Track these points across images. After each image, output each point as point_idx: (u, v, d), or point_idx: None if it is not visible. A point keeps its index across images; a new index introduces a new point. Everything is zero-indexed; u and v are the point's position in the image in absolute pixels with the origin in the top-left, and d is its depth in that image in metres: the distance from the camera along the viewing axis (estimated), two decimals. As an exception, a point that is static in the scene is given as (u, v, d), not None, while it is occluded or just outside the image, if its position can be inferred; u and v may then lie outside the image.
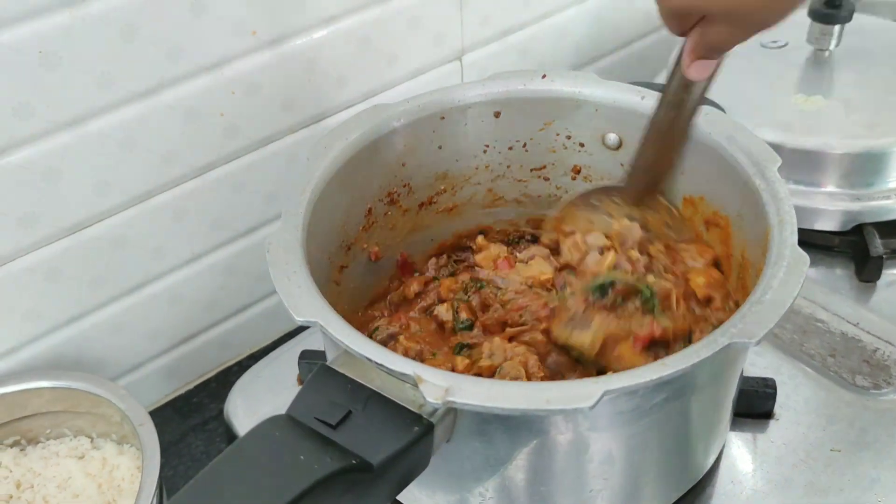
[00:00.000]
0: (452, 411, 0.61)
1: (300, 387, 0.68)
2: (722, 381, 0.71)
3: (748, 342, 0.60)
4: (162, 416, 0.95)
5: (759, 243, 0.73)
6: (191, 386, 0.99)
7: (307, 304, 0.66)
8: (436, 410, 0.60)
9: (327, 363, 0.65)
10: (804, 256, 0.67)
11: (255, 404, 0.94)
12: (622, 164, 0.90)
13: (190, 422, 0.96)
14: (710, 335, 0.62)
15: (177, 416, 0.96)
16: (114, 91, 0.77)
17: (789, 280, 0.65)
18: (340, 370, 0.63)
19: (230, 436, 0.93)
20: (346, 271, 0.82)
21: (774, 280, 0.65)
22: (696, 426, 0.72)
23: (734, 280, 0.81)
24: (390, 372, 0.61)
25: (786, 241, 0.68)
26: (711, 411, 0.73)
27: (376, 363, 0.61)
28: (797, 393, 0.86)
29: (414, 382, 0.59)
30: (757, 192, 0.75)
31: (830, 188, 1.03)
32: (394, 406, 0.61)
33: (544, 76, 0.86)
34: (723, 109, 0.82)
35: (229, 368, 1.01)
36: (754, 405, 0.85)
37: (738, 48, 0.63)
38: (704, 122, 0.80)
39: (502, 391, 0.59)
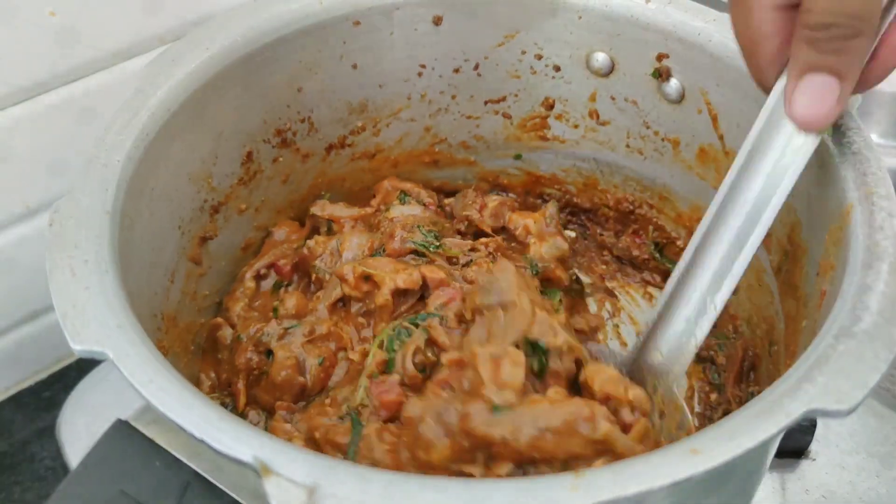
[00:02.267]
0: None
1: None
2: (766, 450, 0.46)
3: (838, 410, 0.36)
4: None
5: (823, 224, 0.51)
6: (41, 376, 0.84)
7: (95, 321, 0.42)
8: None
9: (128, 418, 0.41)
10: (916, 254, 0.42)
11: (98, 418, 0.71)
12: (613, 97, 0.68)
13: (36, 425, 0.81)
14: (772, 392, 0.37)
15: (20, 416, 0.81)
16: None
17: (896, 294, 0.40)
18: (147, 432, 0.41)
19: (63, 463, 0.72)
20: (211, 245, 0.64)
21: (869, 295, 0.40)
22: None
23: (772, 273, 0.59)
24: (217, 452, 0.35)
25: (882, 228, 0.44)
26: (743, 492, 0.49)
27: (194, 436, 0.36)
28: (839, 421, 0.68)
29: (256, 473, 0.34)
30: (822, 145, 0.51)
31: (876, 138, 0.83)
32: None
33: None
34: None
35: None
36: (784, 441, 0.62)
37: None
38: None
39: (407, 502, 0.33)
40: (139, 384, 0.39)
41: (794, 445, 0.66)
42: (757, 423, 0.36)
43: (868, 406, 0.69)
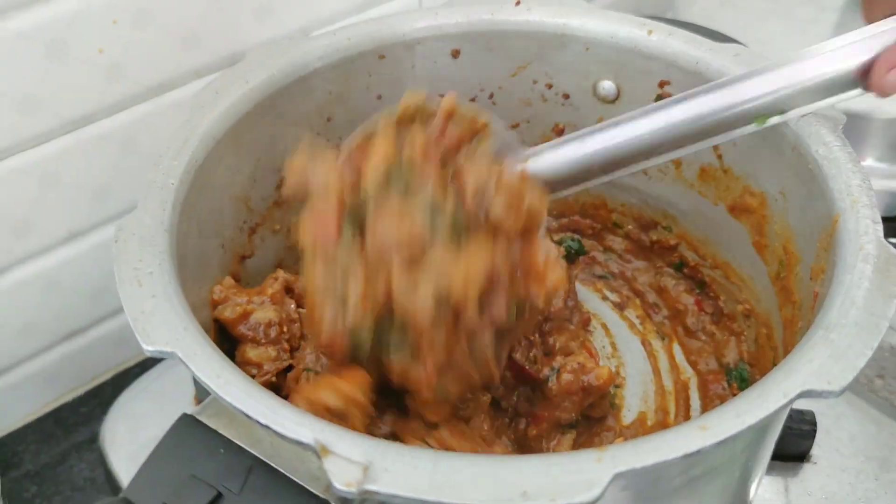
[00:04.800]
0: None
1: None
2: (767, 435, 0.51)
3: (829, 391, 0.40)
4: (40, 430, 0.83)
5: (814, 233, 0.55)
6: (79, 392, 0.86)
7: (163, 325, 0.46)
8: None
9: (193, 412, 0.44)
10: (896, 255, 0.46)
11: (138, 428, 0.75)
12: None
13: (74, 438, 0.82)
14: (770, 378, 0.41)
15: (59, 431, 0.83)
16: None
17: (880, 292, 0.45)
18: (211, 424, 0.45)
19: (105, 469, 0.74)
20: (249, 263, 0.67)
21: (856, 292, 0.45)
22: (726, 497, 0.51)
23: (770, 282, 0.62)
24: (280, 436, 0.39)
25: (867, 233, 0.49)
26: (748, 473, 0.53)
27: (259, 423, 0.40)
28: (839, 427, 0.70)
29: (316, 454, 0.39)
30: (812, 162, 0.56)
31: (872, 162, 0.87)
32: (287, 486, 0.42)
33: (518, 2, 0.70)
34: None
35: (129, 370, 0.88)
36: (787, 445, 0.66)
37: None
38: (736, 64, 0.62)
39: (452, 475, 0.37)
40: (208, 379, 0.42)
41: (797, 450, 0.68)
42: (758, 403, 0.40)
43: (867, 414, 0.71)
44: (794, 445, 0.67)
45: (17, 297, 0.76)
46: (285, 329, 0.59)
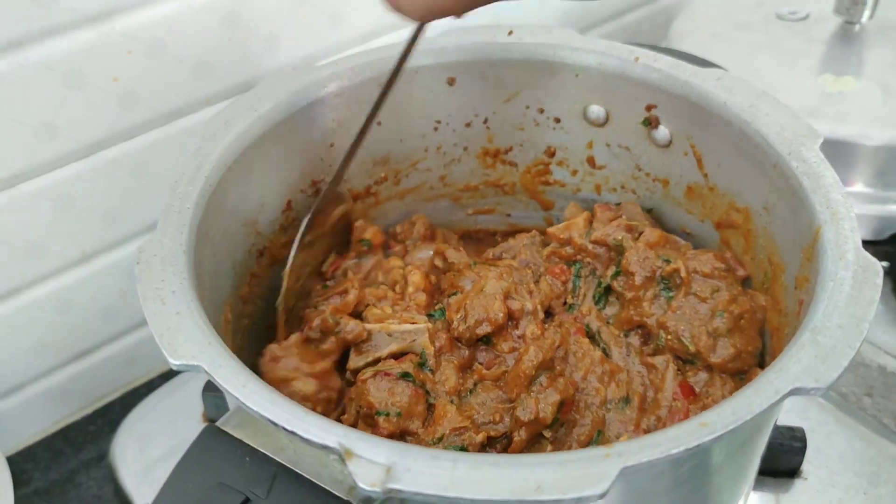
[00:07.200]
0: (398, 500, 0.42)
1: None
2: (756, 438, 0.54)
3: (817, 388, 0.43)
4: (49, 448, 0.84)
5: (797, 245, 0.58)
6: (87, 411, 0.87)
7: (188, 340, 0.48)
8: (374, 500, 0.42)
9: (217, 423, 0.47)
10: (874, 263, 0.50)
11: (147, 445, 0.78)
12: (608, 144, 0.74)
13: (83, 455, 0.84)
14: (762, 377, 0.44)
15: (68, 449, 0.84)
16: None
17: (860, 296, 0.48)
18: (235, 434, 0.47)
19: (115, 486, 0.77)
20: (258, 282, 0.69)
21: (838, 297, 0.48)
22: (717, 497, 0.54)
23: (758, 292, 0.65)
24: (306, 441, 0.42)
25: (846, 243, 0.52)
26: (738, 477, 0.56)
27: (285, 429, 0.42)
28: (829, 444, 0.72)
29: (340, 457, 0.41)
30: (793, 177, 0.58)
31: (861, 187, 0.90)
32: (311, 490, 0.44)
33: (511, 32, 0.73)
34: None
35: (136, 390, 0.89)
36: (778, 461, 0.68)
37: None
38: (718, 87, 0.65)
39: (471, 473, 0.40)
40: (234, 389, 0.45)
41: (787, 466, 0.70)
42: (752, 401, 0.43)
43: (856, 431, 0.73)
44: (784, 461, 0.69)
45: (29, 317, 0.78)
46: (319, 409, 0.60)
